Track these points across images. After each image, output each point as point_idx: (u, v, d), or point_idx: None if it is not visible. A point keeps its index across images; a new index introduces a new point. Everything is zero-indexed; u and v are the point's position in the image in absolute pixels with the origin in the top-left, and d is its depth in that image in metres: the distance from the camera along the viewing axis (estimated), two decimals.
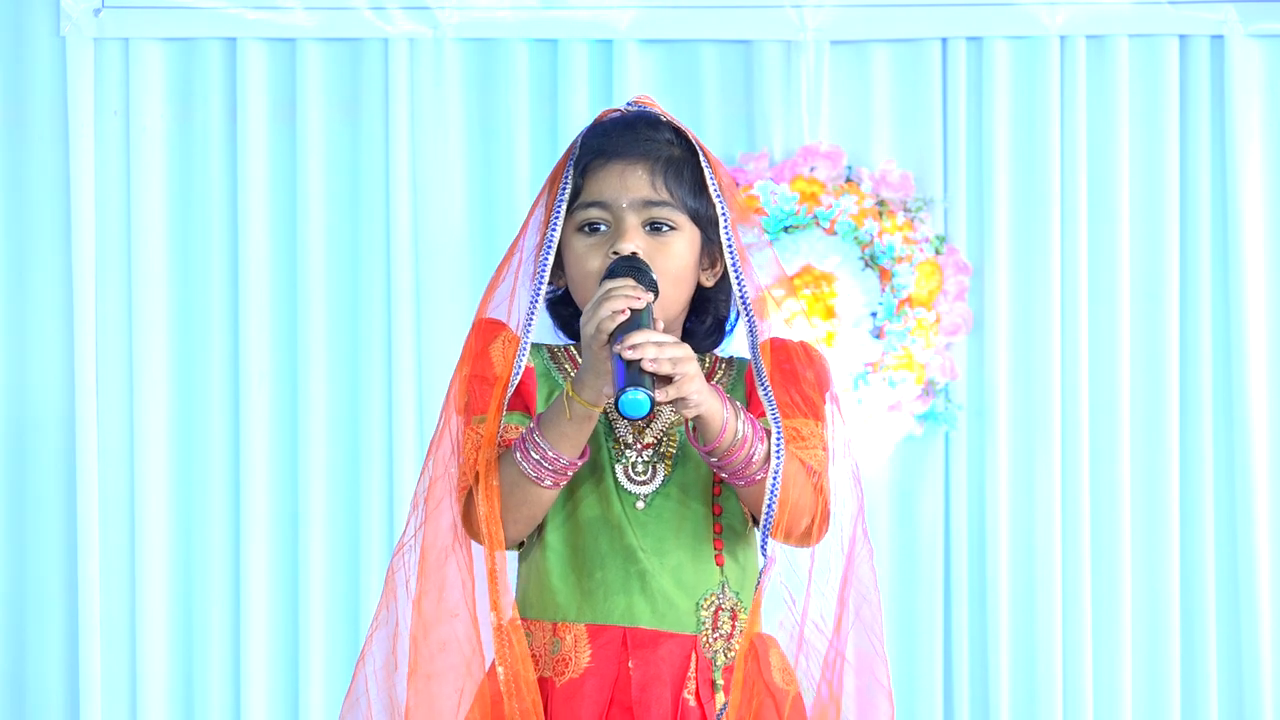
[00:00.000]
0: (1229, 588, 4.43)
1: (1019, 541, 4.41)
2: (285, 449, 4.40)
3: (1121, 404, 4.40)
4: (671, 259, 2.36)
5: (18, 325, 4.41)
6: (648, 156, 2.37)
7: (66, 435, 4.39)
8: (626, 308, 2.21)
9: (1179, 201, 4.43)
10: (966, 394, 4.43)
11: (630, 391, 2.16)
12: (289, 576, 4.40)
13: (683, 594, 2.35)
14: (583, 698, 2.32)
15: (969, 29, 4.41)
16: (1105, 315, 4.41)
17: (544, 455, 2.27)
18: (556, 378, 2.41)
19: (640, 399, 2.16)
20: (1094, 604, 4.40)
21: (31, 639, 4.42)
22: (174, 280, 4.42)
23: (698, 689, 2.35)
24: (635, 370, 2.18)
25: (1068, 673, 4.39)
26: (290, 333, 4.40)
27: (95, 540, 4.35)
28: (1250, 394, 4.40)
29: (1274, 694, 4.41)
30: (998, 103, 4.41)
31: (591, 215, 2.37)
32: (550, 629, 2.37)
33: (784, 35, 4.41)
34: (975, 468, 4.42)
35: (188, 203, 4.42)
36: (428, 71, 4.40)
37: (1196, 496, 4.42)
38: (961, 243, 4.41)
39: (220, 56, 4.41)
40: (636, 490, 2.38)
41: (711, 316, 2.45)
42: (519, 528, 2.33)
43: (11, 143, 4.41)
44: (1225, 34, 4.41)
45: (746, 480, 2.29)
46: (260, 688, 4.38)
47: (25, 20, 4.40)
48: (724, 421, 2.25)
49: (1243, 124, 4.41)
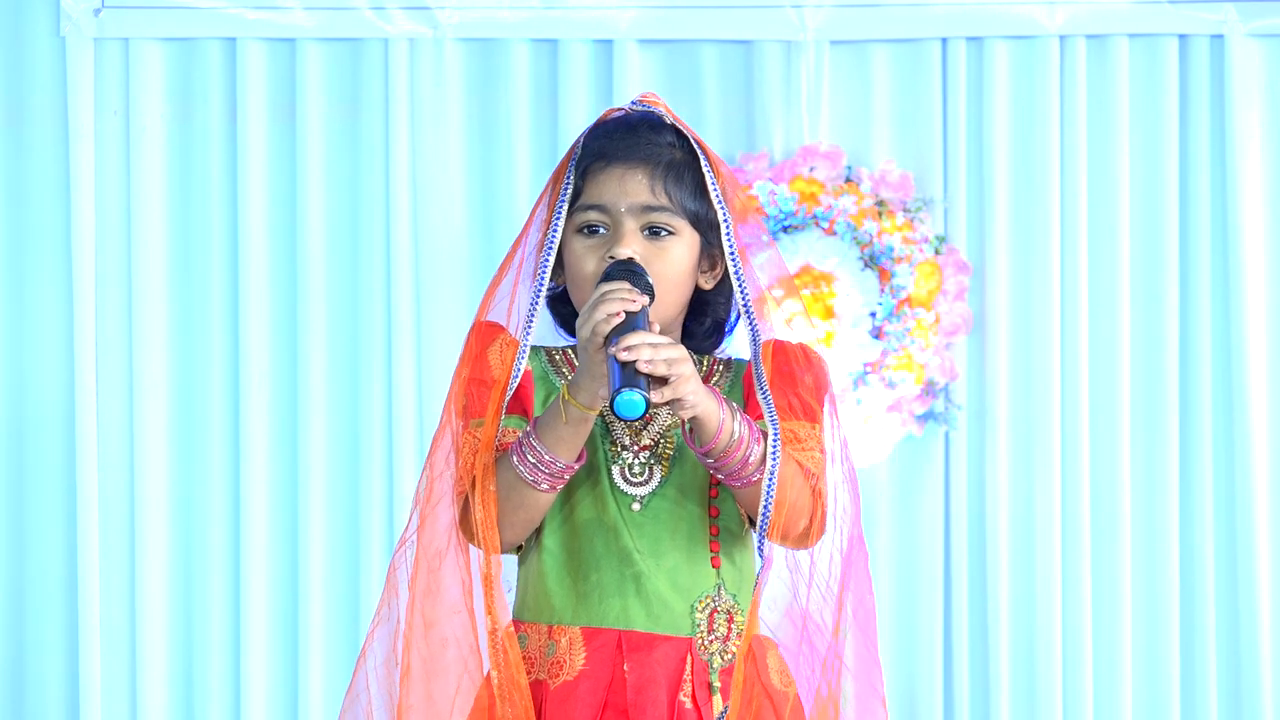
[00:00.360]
0: (1229, 587, 4.43)
1: (1019, 541, 4.41)
2: (285, 449, 4.40)
3: (1121, 404, 4.40)
4: (669, 263, 2.36)
5: (18, 325, 4.41)
6: (648, 161, 2.36)
7: (66, 435, 4.39)
8: (622, 310, 2.22)
9: (1179, 201, 4.43)
10: (966, 394, 4.43)
11: (625, 392, 2.17)
12: (289, 576, 4.40)
13: (678, 596, 2.35)
14: (577, 700, 2.32)
15: (969, 29, 4.41)
16: (1105, 315, 4.41)
17: (540, 459, 2.27)
18: (554, 381, 2.41)
19: (636, 400, 2.16)
20: (1094, 604, 4.40)
21: (31, 639, 4.42)
22: (174, 280, 4.42)
23: (693, 691, 2.34)
24: (631, 371, 2.18)
25: (1067, 673, 4.39)
26: (290, 333, 4.40)
27: (95, 540, 4.36)
28: (1250, 393, 4.40)
29: (1274, 694, 4.41)
30: (998, 103, 4.41)
31: (590, 218, 2.37)
32: (546, 631, 2.37)
33: (784, 35, 4.41)
34: (975, 468, 4.42)
35: (188, 203, 4.42)
36: (428, 71, 4.40)
37: (1196, 496, 4.42)
38: (961, 243, 4.41)
39: (220, 56, 4.41)
40: (633, 492, 2.38)
41: (710, 318, 2.45)
42: (516, 531, 2.33)
43: (11, 143, 4.41)
44: (1225, 33, 4.40)
45: (743, 481, 2.29)
46: (260, 687, 4.39)
47: (25, 20, 4.40)
48: (720, 422, 2.25)
49: (1243, 124, 4.40)
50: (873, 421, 4.37)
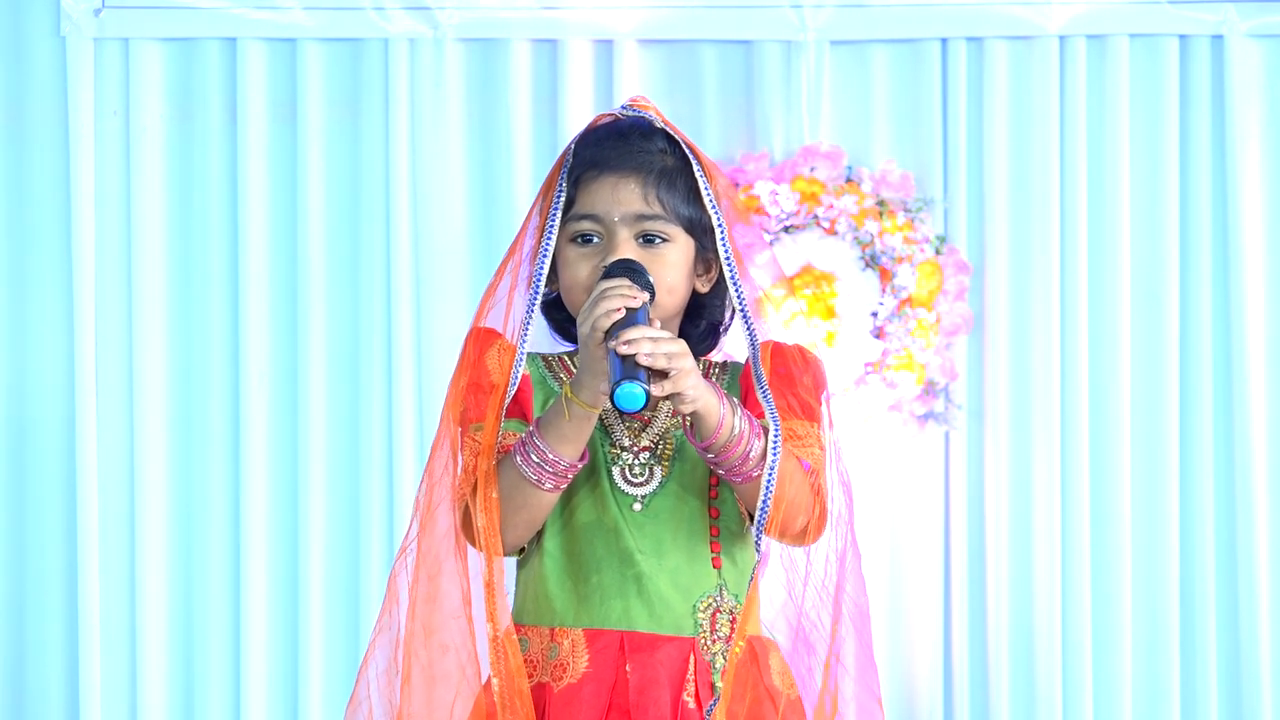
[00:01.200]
0: (1229, 587, 4.43)
1: (1018, 541, 4.41)
2: (285, 449, 4.41)
3: (1121, 404, 4.40)
4: (664, 270, 2.36)
5: (18, 325, 4.41)
6: (640, 169, 2.36)
7: (66, 435, 4.39)
8: (623, 306, 2.22)
9: (1179, 201, 4.43)
10: (966, 394, 4.43)
11: (626, 384, 2.17)
12: (289, 578, 4.41)
13: (680, 596, 2.36)
14: (581, 702, 2.32)
15: (969, 29, 4.41)
16: (1105, 315, 4.42)
17: (544, 457, 2.28)
18: (552, 385, 2.42)
19: (636, 392, 2.17)
20: (1094, 604, 4.40)
21: (31, 639, 4.42)
22: (174, 280, 4.42)
23: (696, 691, 2.34)
24: (631, 364, 2.19)
25: (1067, 673, 4.39)
26: (290, 333, 4.41)
27: (95, 540, 4.36)
28: (1250, 393, 4.40)
29: (1273, 694, 4.42)
30: (998, 103, 4.41)
31: (584, 228, 2.37)
32: (547, 634, 2.37)
33: (784, 35, 4.41)
34: (974, 468, 4.42)
35: (188, 203, 4.42)
36: (428, 71, 4.40)
37: (1196, 496, 4.43)
38: (961, 243, 4.41)
39: (220, 56, 4.41)
40: (633, 492, 2.38)
41: (706, 321, 2.45)
42: (519, 533, 2.33)
43: (11, 143, 4.41)
44: (1225, 34, 4.41)
45: (744, 477, 2.30)
46: (260, 689, 4.39)
47: (25, 20, 4.41)
48: (721, 417, 2.26)
49: (1242, 124, 4.41)
50: (873, 421, 4.38)
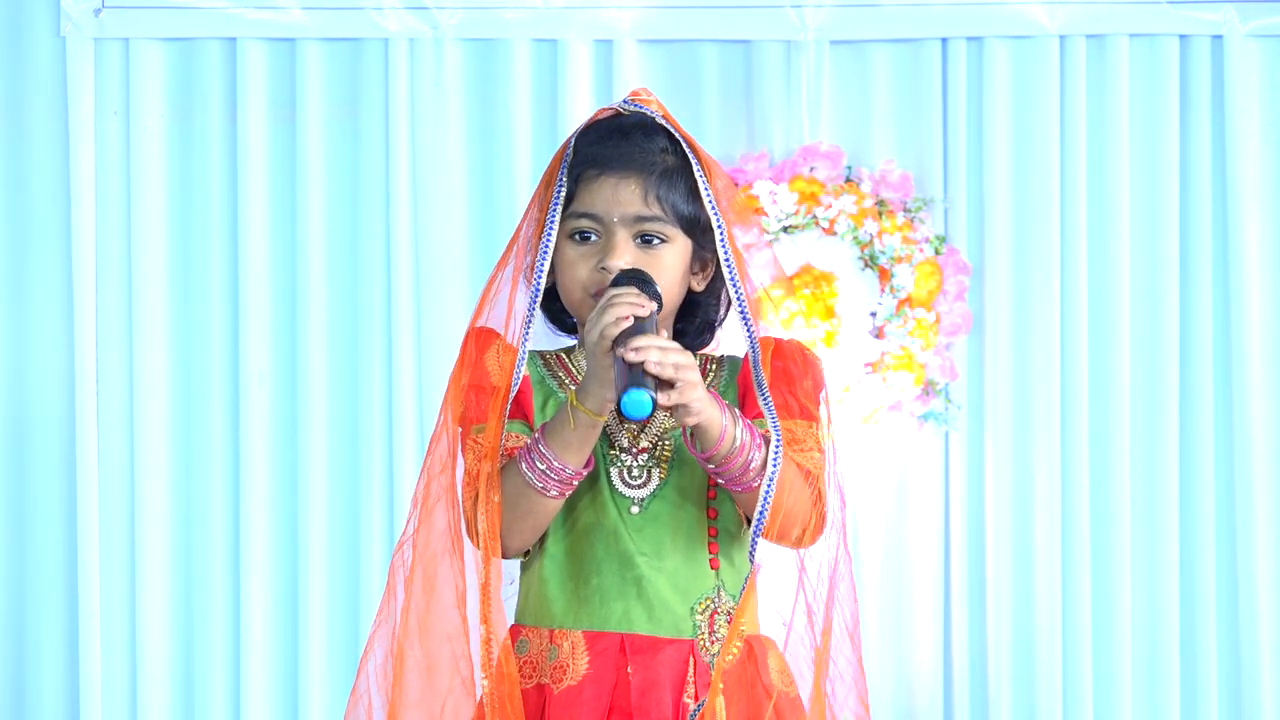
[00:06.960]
0: (1228, 587, 4.43)
1: (1018, 541, 4.41)
2: (285, 448, 4.41)
3: (1121, 404, 4.40)
4: (662, 271, 2.36)
5: (18, 325, 4.41)
6: (641, 170, 2.36)
7: (66, 435, 4.39)
8: (630, 315, 2.22)
9: (1179, 201, 4.43)
10: (966, 394, 4.43)
11: (633, 391, 2.17)
12: (289, 576, 4.41)
13: (679, 598, 2.36)
14: (582, 705, 2.32)
15: (969, 29, 4.41)
16: (1105, 315, 4.42)
17: (550, 465, 2.27)
18: (551, 385, 2.42)
19: (644, 400, 2.17)
20: (1093, 604, 4.40)
21: (31, 639, 4.42)
22: (174, 280, 4.42)
23: (696, 693, 2.35)
24: (638, 372, 2.19)
25: (1067, 673, 4.39)
26: (290, 333, 4.41)
27: (95, 540, 4.36)
28: (1250, 393, 4.40)
29: (1274, 694, 4.41)
30: (998, 103, 4.41)
31: (583, 225, 2.37)
32: (547, 636, 2.37)
33: (784, 35, 4.41)
34: (974, 468, 4.42)
35: (188, 203, 4.42)
36: (428, 71, 4.40)
37: (1196, 497, 4.42)
38: (961, 243, 4.41)
39: (220, 56, 4.42)
40: (632, 495, 2.38)
41: (700, 318, 2.46)
42: (524, 538, 2.33)
43: (11, 143, 4.41)
44: (1225, 34, 4.41)
45: (744, 486, 2.30)
46: (260, 688, 4.39)
47: (25, 20, 4.41)
48: (722, 429, 2.25)
49: (1242, 124, 4.41)
50: (873, 421, 4.38)
